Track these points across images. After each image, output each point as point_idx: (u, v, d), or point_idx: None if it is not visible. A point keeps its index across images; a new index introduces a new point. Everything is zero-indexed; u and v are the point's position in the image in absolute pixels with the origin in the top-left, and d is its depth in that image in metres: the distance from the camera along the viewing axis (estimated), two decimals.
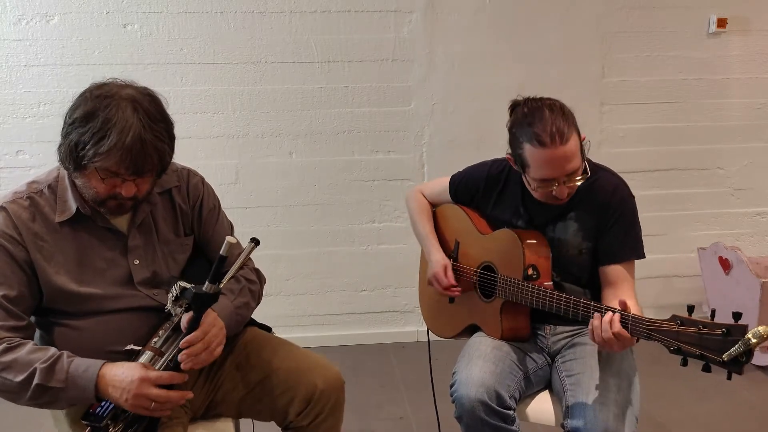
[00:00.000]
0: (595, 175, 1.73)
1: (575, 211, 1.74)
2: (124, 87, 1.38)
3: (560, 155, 1.56)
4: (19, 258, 1.39)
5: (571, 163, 1.59)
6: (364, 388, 2.90)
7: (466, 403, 1.60)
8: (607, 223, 1.70)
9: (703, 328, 1.30)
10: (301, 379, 1.58)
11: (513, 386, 1.66)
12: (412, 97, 3.26)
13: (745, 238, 3.50)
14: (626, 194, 1.73)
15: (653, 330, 1.38)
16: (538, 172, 1.61)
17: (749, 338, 1.22)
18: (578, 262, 1.74)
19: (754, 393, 2.80)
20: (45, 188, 1.45)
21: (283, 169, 3.25)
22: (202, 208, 1.61)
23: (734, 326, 1.26)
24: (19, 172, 3.09)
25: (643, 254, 1.72)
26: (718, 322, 1.29)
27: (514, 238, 1.74)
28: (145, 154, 1.34)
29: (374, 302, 3.44)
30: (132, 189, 1.39)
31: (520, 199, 1.81)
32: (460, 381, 1.65)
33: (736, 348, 1.23)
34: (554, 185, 1.62)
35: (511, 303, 1.74)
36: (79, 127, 1.33)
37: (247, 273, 1.64)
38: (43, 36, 3.01)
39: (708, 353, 1.28)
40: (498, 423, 1.60)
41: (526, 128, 1.59)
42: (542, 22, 3.22)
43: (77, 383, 1.32)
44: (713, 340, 1.28)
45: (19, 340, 1.35)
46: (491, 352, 1.71)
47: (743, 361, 1.24)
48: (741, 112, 3.40)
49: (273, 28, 3.12)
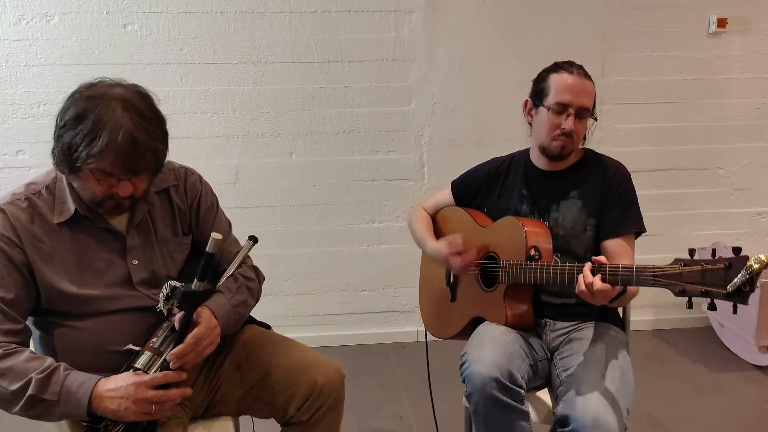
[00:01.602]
0: (595, 158, 1.88)
1: (578, 190, 1.83)
2: (113, 86, 1.37)
3: (581, 84, 1.77)
4: (16, 260, 1.38)
5: (588, 99, 1.77)
6: (364, 387, 2.90)
7: (478, 379, 1.60)
8: (611, 198, 1.80)
9: (705, 264, 1.34)
10: (302, 376, 1.58)
11: (523, 368, 1.68)
12: (412, 97, 3.26)
13: (745, 238, 3.50)
14: (626, 173, 1.85)
15: (658, 275, 1.42)
16: (558, 95, 1.77)
17: (751, 264, 1.24)
18: (583, 240, 1.80)
19: (753, 391, 2.80)
20: (43, 189, 1.45)
21: (283, 169, 3.26)
22: (200, 207, 1.61)
23: (736, 259, 1.29)
24: (18, 172, 3.09)
25: (644, 227, 1.82)
26: (720, 258, 1.33)
27: (515, 222, 1.80)
28: (139, 152, 1.33)
29: (374, 302, 3.44)
30: (129, 188, 1.38)
31: (523, 182, 1.90)
32: (472, 359, 1.65)
33: (739, 277, 1.26)
34: (567, 115, 1.75)
35: (513, 287, 1.77)
36: (70, 130, 1.33)
37: (246, 271, 1.63)
38: (43, 36, 3.01)
39: (712, 288, 1.31)
40: (508, 400, 1.60)
41: (556, 65, 1.83)
42: (542, 21, 3.22)
43: (70, 398, 1.30)
44: (716, 275, 1.31)
45: (15, 346, 1.34)
46: (500, 336, 1.73)
47: (747, 290, 1.27)
48: (741, 112, 3.40)
49: (273, 28, 3.12)
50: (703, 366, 3.05)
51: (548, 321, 1.84)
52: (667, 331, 3.48)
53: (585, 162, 1.88)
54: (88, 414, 1.31)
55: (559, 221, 1.82)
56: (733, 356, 3.14)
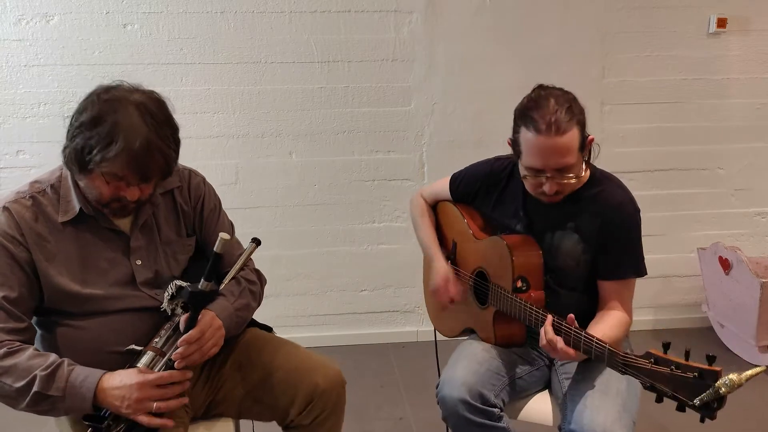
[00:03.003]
0: (600, 186, 1.68)
1: (576, 222, 1.68)
2: (132, 91, 1.38)
3: (551, 146, 1.52)
4: (20, 259, 1.38)
5: (564, 158, 1.54)
6: (364, 388, 2.89)
7: (449, 402, 1.60)
8: (608, 239, 1.64)
9: (675, 369, 1.25)
10: (303, 379, 1.58)
11: (498, 386, 1.65)
12: (412, 97, 3.26)
13: (745, 238, 3.50)
14: (631, 210, 1.66)
15: (628, 365, 1.34)
16: (528, 159, 1.58)
17: (719, 387, 1.17)
18: (574, 274, 1.70)
19: (755, 393, 2.79)
20: (48, 188, 1.45)
21: (283, 169, 3.25)
22: (203, 209, 1.61)
23: (707, 371, 1.20)
24: (19, 172, 3.08)
25: (644, 272, 1.67)
26: (692, 364, 1.23)
27: (503, 248, 1.69)
28: (153, 159, 1.34)
29: (374, 302, 3.44)
30: (136, 193, 1.39)
31: (521, 201, 1.77)
32: (443, 381, 1.65)
33: (707, 394, 1.18)
34: (544, 178, 1.58)
35: (503, 312, 1.72)
36: (85, 131, 1.33)
37: (248, 274, 1.64)
38: (43, 36, 3.01)
39: (680, 395, 1.23)
40: (482, 420, 1.59)
41: (527, 112, 1.56)
42: (542, 22, 3.22)
43: (75, 393, 1.31)
44: (685, 382, 1.22)
45: (19, 344, 1.35)
46: (479, 353, 1.71)
47: (715, 407, 1.19)
48: (741, 112, 3.40)
49: (273, 28, 3.12)
50: None
51: None
52: (667, 331, 3.48)
53: (588, 188, 1.68)
54: (93, 407, 1.32)
55: (552, 251, 1.70)
56: (733, 356, 3.14)
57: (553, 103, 1.54)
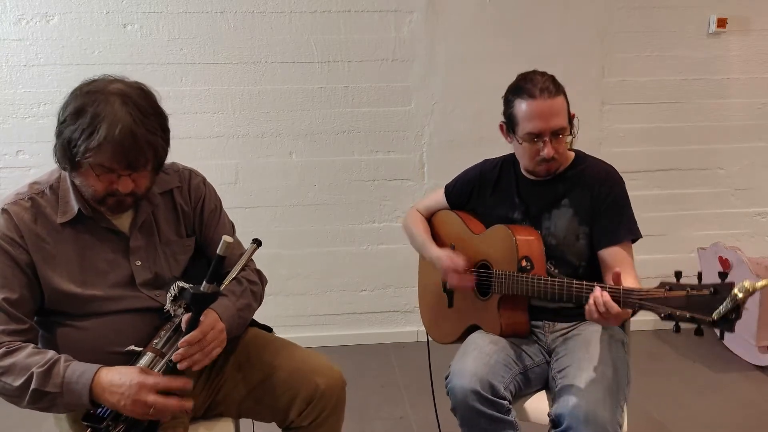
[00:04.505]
0: (585, 163, 1.83)
1: (569, 197, 1.79)
2: (113, 82, 1.38)
3: (547, 107, 1.68)
4: (20, 260, 1.38)
5: (558, 118, 1.69)
6: (364, 388, 2.89)
7: (459, 393, 1.61)
8: (601, 205, 1.76)
9: (691, 290, 1.30)
10: (303, 380, 1.57)
11: (507, 378, 1.67)
12: (412, 97, 3.26)
13: (745, 238, 3.50)
14: (617, 178, 1.80)
15: (643, 299, 1.40)
16: (526, 125, 1.71)
17: (736, 293, 1.22)
18: (576, 249, 1.78)
19: (754, 391, 2.80)
20: (47, 189, 1.45)
21: (283, 169, 3.25)
22: (203, 209, 1.61)
23: (721, 285, 1.26)
24: (19, 172, 3.08)
25: (639, 233, 1.77)
26: (705, 283, 1.29)
27: (506, 231, 1.77)
28: (138, 147, 1.33)
29: (374, 302, 3.44)
30: (129, 185, 1.38)
31: (515, 189, 1.87)
32: (453, 372, 1.67)
33: (724, 305, 1.23)
34: (542, 143, 1.70)
35: (508, 297, 1.76)
36: (70, 124, 1.33)
37: (249, 274, 1.63)
38: (43, 36, 3.01)
39: (698, 315, 1.28)
40: (492, 412, 1.60)
41: (519, 85, 1.74)
42: (542, 21, 3.22)
43: (72, 388, 1.30)
44: (702, 300, 1.27)
45: (19, 343, 1.34)
46: (487, 345, 1.73)
47: (733, 318, 1.24)
48: (741, 112, 3.40)
49: (273, 28, 3.12)
50: (703, 366, 3.05)
51: (547, 323, 1.83)
52: (667, 331, 3.46)
53: (575, 167, 1.83)
54: (92, 403, 1.32)
55: (551, 230, 1.79)
56: (733, 356, 3.14)
57: (539, 75, 1.74)
